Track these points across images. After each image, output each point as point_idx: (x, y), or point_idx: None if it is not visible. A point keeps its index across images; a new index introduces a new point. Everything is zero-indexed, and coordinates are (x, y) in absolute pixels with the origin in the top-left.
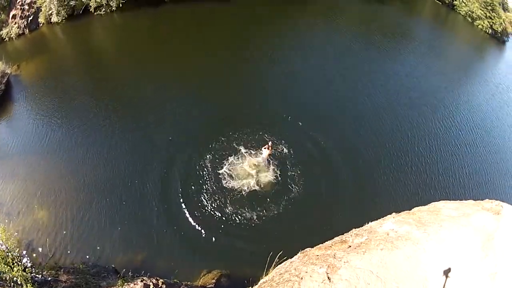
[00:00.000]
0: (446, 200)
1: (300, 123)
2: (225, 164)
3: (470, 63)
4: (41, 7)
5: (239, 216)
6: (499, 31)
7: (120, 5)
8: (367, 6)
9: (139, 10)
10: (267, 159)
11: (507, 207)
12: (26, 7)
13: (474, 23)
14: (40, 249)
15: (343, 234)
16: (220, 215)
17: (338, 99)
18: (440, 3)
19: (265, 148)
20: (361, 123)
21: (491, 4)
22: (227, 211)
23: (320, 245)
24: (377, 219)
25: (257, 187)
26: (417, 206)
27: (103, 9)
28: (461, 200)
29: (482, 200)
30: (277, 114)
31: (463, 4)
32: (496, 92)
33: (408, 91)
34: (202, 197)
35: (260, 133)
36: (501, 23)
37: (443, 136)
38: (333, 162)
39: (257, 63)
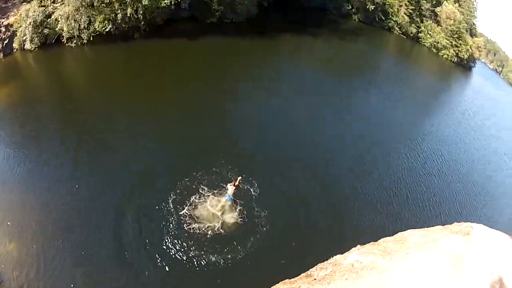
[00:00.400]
0: (413, 228)
1: (267, 160)
2: (187, 204)
3: (437, 93)
4: (16, 31)
5: (203, 261)
6: (465, 58)
7: (91, 39)
8: (334, 44)
9: (111, 45)
10: (233, 198)
11: (477, 227)
12: (3, 29)
13: (439, 53)
14: (10, 283)
15: (309, 269)
16: (183, 260)
17: (307, 135)
18: (405, 36)
19: (230, 184)
20: (328, 159)
21: (458, 32)
22: (191, 255)
23: (286, 280)
24: (342, 253)
25: (222, 230)
26: (384, 237)
27: (74, 41)
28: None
29: (450, 224)
30: (244, 149)
31: (428, 35)
32: (462, 119)
33: (375, 125)
34: (164, 241)
35: (226, 170)
36: (468, 50)
37: (411, 167)
38: (300, 199)
39: (226, 99)
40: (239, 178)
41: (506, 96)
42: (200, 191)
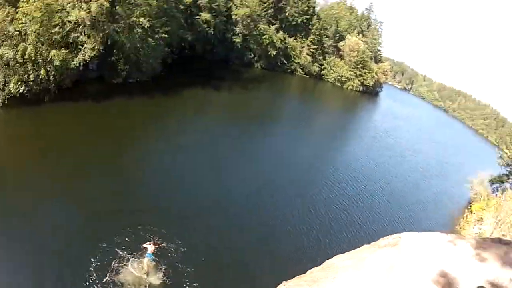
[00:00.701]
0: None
1: (183, 214)
2: (109, 271)
3: (344, 124)
4: None
5: None
6: (370, 85)
7: (6, 101)
8: (238, 93)
9: (24, 108)
10: (154, 257)
11: (406, 235)
12: None
13: (344, 85)
14: None
15: None
16: None
17: (221, 184)
18: (308, 76)
19: (148, 243)
20: (246, 203)
21: (362, 62)
22: None
23: None
24: None
25: None
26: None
27: None
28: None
29: (377, 241)
30: (158, 207)
31: (332, 71)
32: (373, 143)
33: (288, 165)
34: None
35: (142, 229)
36: (373, 76)
37: (330, 197)
38: (224, 248)
39: (133, 157)
40: (156, 239)
41: (418, 110)
42: (120, 254)
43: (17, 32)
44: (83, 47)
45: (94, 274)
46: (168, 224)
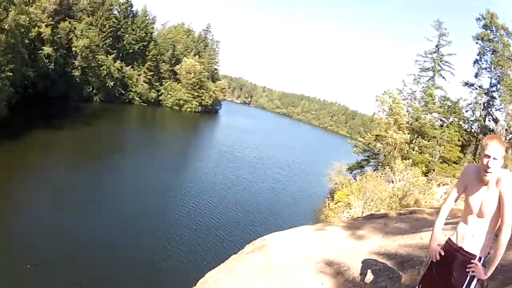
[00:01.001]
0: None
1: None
2: None
3: (187, 147)
4: None
5: None
6: (209, 104)
7: None
8: (78, 130)
9: None
10: None
11: (271, 236)
12: None
13: (183, 108)
14: None
15: None
16: None
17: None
18: (146, 104)
19: None
20: (99, 248)
21: (199, 83)
22: None
23: None
24: None
25: None
26: None
27: None
28: None
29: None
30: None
31: (169, 95)
32: (220, 158)
33: (143, 195)
34: None
35: None
36: (211, 96)
37: (189, 220)
38: None
39: None
40: None
41: (259, 120)
42: None
43: None
44: None
45: None
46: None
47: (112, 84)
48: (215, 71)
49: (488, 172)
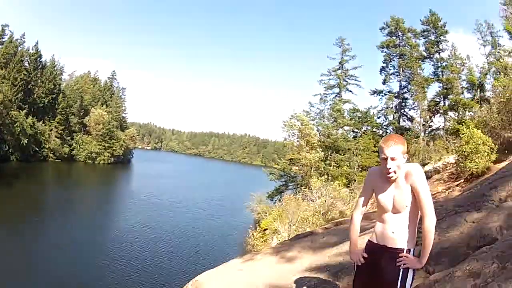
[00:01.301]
0: None
1: None
2: None
3: (102, 202)
4: None
5: None
6: (121, 154)
7: None
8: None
9: None
10: None
11: (202, 276)
12: None
13: (96, 161)
14: None
15: None
16: None
17: None
18: (60, 160)
19: None
20: None
21: (109, 133)
22: None
23: None
24: None
25: None
26: None
27: None
28: None
29: None
30: None
31: (81, 149)
32: (141, 207)
33: (65, 255)
34: None
35: None
36: (121, 145)
37: (117, 276)
38: None
39: None
40: None
41: (171, 164)
42: None
43: None
44: None
45: None
46: None
47: (26, 141)
48: (123, 119)
49: (389, 174)
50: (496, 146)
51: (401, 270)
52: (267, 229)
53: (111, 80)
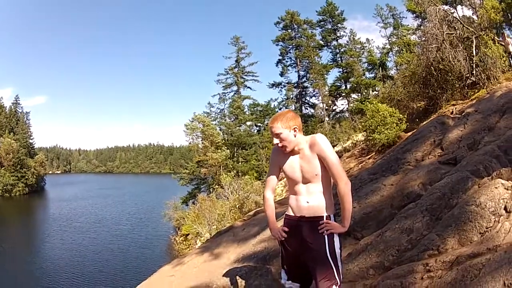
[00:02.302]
0: None
1: None
2: None
3: (26, 237)
4: None
5: None
6: (34, 183)
7: None
8: None
9: None
10: None
11: None
12: None
13: (12, 194)
14: None
15: None
16: None
17: None
18: None
19: None
20: None
21: (19, 162)
22: None
23: None
24: None
25: None
26: None
27: None
28: None
29: None
30: None
31: None
32: (63, 234)
33: None
34: None
35: None
36: (33, 173)
37: None
38: None
39: None
40: None
41: (81, 185)
42: None
43: None
44: None
45: None
46: None
47: None
48: (31, 146)
49: (283, 149)
50: (405, 117)
51: (326, 236)
52: (188, 234)
53: (15, 105)
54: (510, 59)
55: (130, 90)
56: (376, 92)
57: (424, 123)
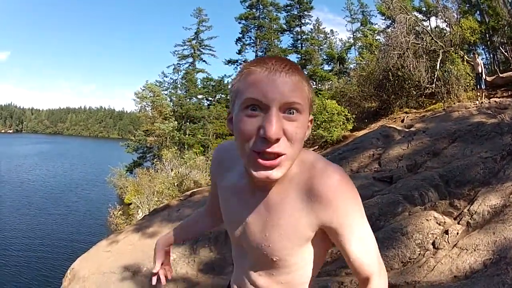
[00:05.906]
0: None
1: None
2: None
3: None
4: None
5: None
6: None
7: None
8: None
9: None
10: None
11: (77, 263)
12: None
13: None
14: None
15: None
16: None
17: None
18: None
19: None
20: None
21: None
22: None
23: None
24: None
25: None
26: None
27: None
28: None
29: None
30: None
31: None
32: (13, 192)
33: None
34: None
35: None
36: None
37: None
38: None
39: None
40: None
41: (30, 146)
42: None
43: None
44: None
45: None
46: None
47: None
48: None
49: (270, 164)
50: (354, 116)
51: None
52: (131, 203)
53: None
54: (478, 79)
55: (92, 49)
56: (329, 86)
57: (370, 130)
